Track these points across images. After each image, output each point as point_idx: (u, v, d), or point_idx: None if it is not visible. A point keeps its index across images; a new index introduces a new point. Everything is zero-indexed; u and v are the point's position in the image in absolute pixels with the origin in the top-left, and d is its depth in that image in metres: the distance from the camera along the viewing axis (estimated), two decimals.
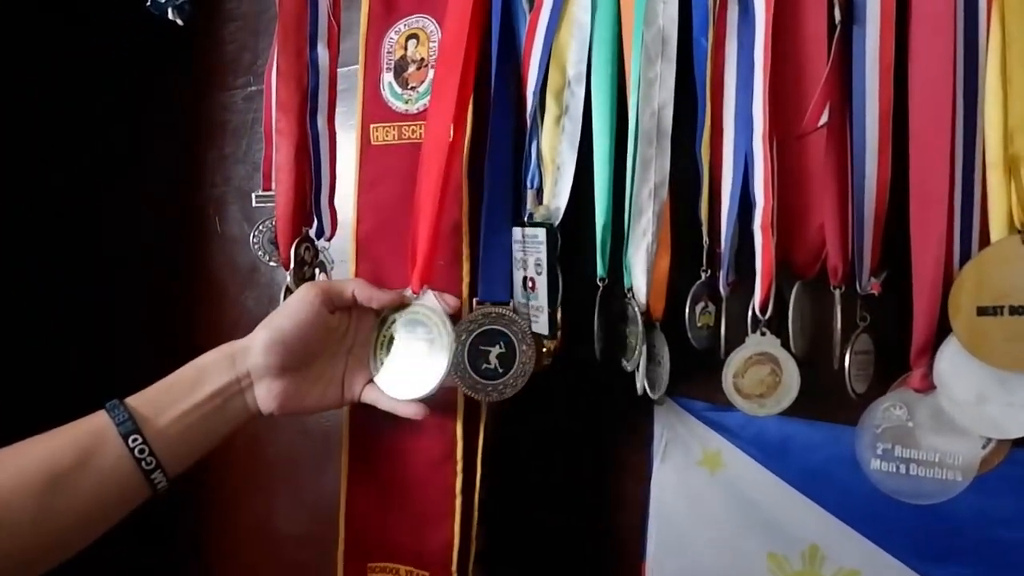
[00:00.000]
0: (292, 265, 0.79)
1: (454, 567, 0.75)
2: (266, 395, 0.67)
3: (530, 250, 0.71)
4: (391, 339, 0.73)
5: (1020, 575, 0.65)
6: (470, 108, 0.73)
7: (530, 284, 0.72)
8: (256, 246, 0.83)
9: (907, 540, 0.69)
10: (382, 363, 0.73)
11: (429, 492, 0.75)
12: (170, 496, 0.63)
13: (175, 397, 0.64)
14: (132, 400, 0.63)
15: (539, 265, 0.70)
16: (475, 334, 0.70)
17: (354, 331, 0.73)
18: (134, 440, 0.60)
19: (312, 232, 0.81)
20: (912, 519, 0.68)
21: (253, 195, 0.87)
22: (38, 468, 0.57)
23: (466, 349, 0.70)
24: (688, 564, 0.80)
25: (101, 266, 1.15)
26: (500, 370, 0.69)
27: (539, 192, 0.73)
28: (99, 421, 0.61)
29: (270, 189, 0.83)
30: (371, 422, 0.77)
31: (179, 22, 0.89)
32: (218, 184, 1.07)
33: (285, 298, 0.80)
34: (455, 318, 0.71)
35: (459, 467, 0.75)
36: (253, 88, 1.04)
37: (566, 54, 0.70)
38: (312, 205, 0.80)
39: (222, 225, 1.06)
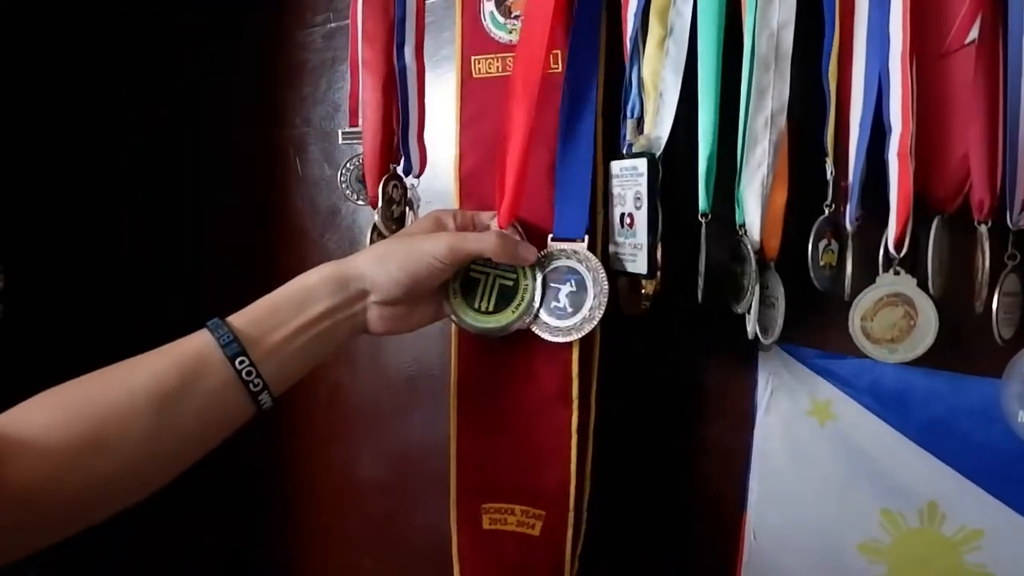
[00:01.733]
0: (380, 203, 0.76)
1: (571, 505, 0.73)
2: (376, 320, 0.66)
3: (628, 184, 0.67)
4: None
5: None
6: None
7: (628, 221, 0.68)
8: (344, 184, 0.81)
9: None
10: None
11: (543, 430, 0.74)
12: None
13: (282, 318, 0.62)
14: (236, 320, 0.61)
15: (639, 199, 0.66)
16: (546, 271, 0.68)
17: None
18: (241, 362, 0.58)
19: (400, 169, 0.78)
20: None
21: (340, 131, 0.84)
22: (146, 389, 0.56)
23: (537, 286, 0.67)
24: (792, 518, 0.76)
25: (182, 212, 1.15)
26: (570, 310, 0.67)
27: (639, 121, 0.68)
28: (202, 341, 0.59)
29: (356, 125, 0.80)
30: (480, 360, 0.75)
31: None
32: (298, 125, 1.05)
33: (371, 241, 0.78)
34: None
35: (575, 405, 0.73)
36: (333, 25, 1.01)
37: None
38: (400, 142, 0.77)
39: (303, 167, 1.04)
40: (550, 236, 0.70)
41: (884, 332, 0.59)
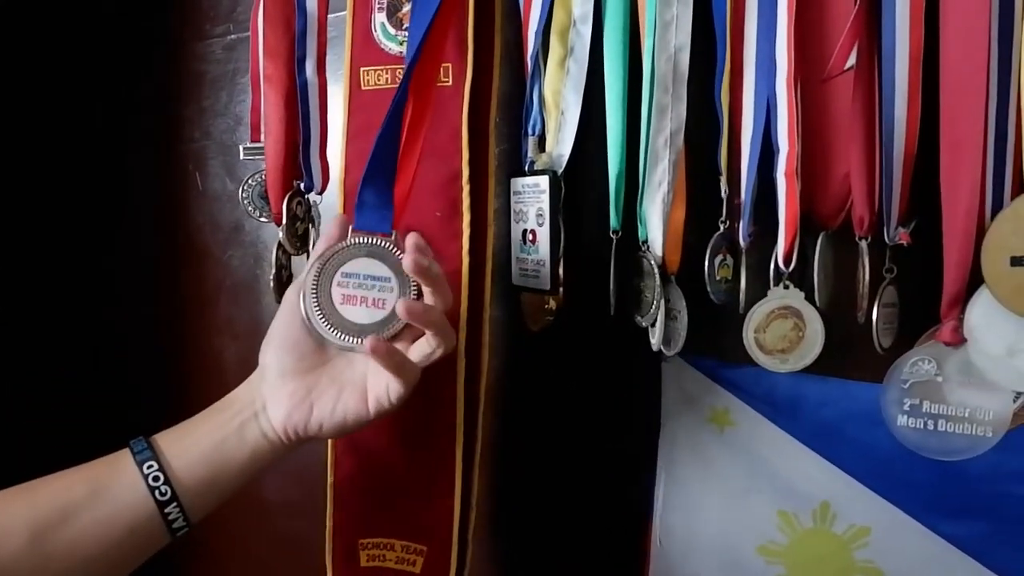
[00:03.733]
0: (284, 220, 0.75)
1: (455, 539, 0.71)
2: (274, 409, 0.59)
3: (530, 201, 0.68)
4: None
5: None
6: (470, 51, 0.69)
7: (530, 237, 0.69)
8: (246, 201, 0.79)
9: (921, 497, 0.68)
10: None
11: (427, 460, 0.71)
12: None
13: (196, 425, 0.60)
14: (158, 434, 0.60)
15: (540, 216, 0.67)
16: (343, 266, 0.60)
17: None
18: (149, 467, 0.56)
19: (303, 186, 0.77)
20: (927, 475, 0.66)
21: (241, 147, 0.82)
22: (48, 503, 0.54)
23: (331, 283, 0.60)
24: (696, 523, 0.78)
25: (82, 232, 1.10)
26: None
27: (541, 139, 0.70)
28: (121, 453, 0.58)
29: (259, 141, 0.78)
30: None
31: None
32: (197, 139, 1.02)
33: (276, 259, 0.77)
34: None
35: (459, 433, 0.70)
36: (233, 36, 0.99)
37: None
38: (302, 157, 0.76)
39: (204, 181, 1.01)
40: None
41: (776, 343, 0.62)
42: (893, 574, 0.70)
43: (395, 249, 0.59)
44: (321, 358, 0.61)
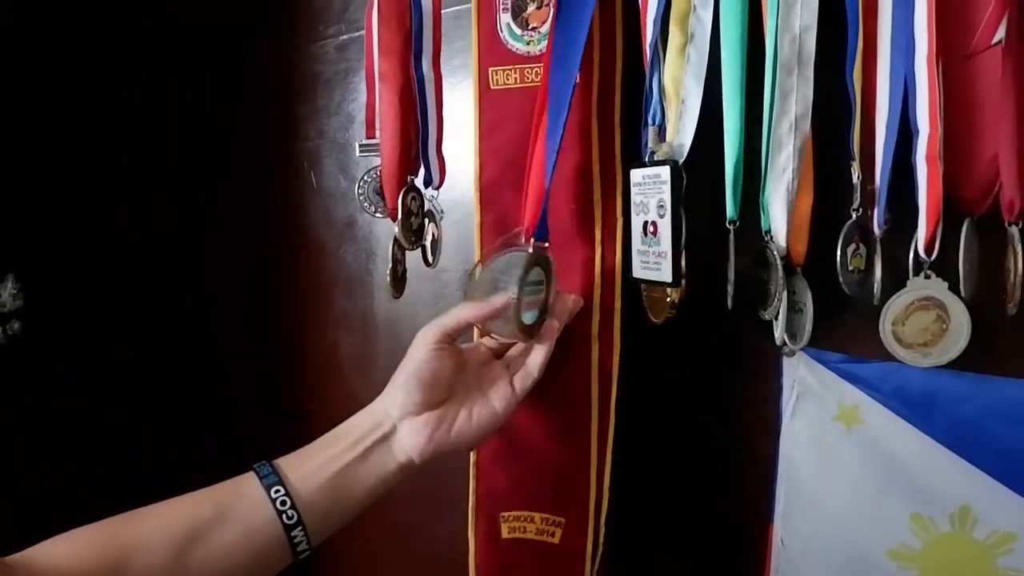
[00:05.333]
0: (399, 216, 0.76)
1: (591, 512, 0.74)
2: (408, 435, 0.65)
3: (651, 192, 0.66)
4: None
5: None
6: (596, 48, 0.69)
7: (651, 229, 0.67)
8: (361, 197, 0.81)
9: None
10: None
11: (564, 437, 0.74)
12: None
13: (317, 451, 0.63)
14: (279, 460, 0.63)
15: (662, 207, 0.65)
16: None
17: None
18: (276, 491, 0.59)
19: (419, 181, 0.78)
20: None
21: (356, 144, 0.84)
22: (179, 523, 0.57)
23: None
24: (820, 524, 0.75)
25: (200, 225, 1.15)
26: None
27: (661, 129, 0.68)
28: (244, 477, 0.61)
29: (373, 137, 0.80)
30: None
31: None
32: (312, 138, 1.05)
33: (392, 254, 0.78)
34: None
35: (595, 411, 0.74)
36: (345, 37, 1.01)
37: None
38: (419, 153, 0.77)
39: (318, 179, 1.04)
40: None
41: (916, 336, 0.58)
42: None
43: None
44: (451, 386, 0.67)
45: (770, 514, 0.77)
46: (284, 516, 0.58)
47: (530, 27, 0.72)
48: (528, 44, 0.72)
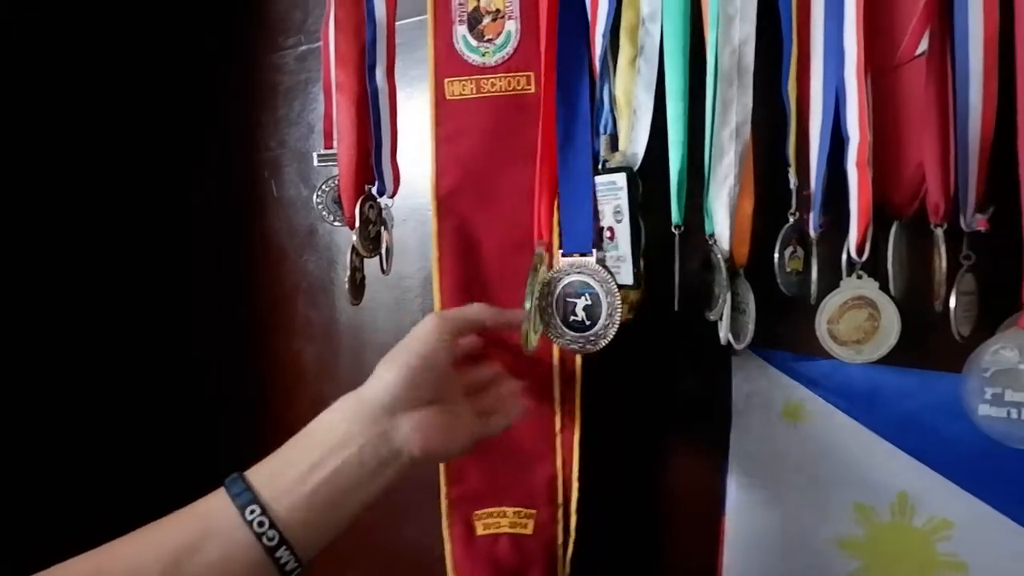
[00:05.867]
0: (357, 224, 0.77)
1: (559, 501, 0.77)
2: (410, 433, 0.59)
3: (607, 198, 0.68)
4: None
5: None
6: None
7: (608, 234, 0.69)
8: (320, 206, 0.82)
9: (1005, 488, 0.67)
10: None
11: (529, 434, 0.77)
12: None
13: (296, 459, 0.57)
14: (251, 473, 0.57)
15: (619, 213, 0.67)
16: (561, 285, 0.69)
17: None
18: (251, 512, 0.53)
19: (374, 190, 0.79)
20: (1011, 467, 0.65)
21: (315, 154, 0.85)
22: (156, 554, 0.52)
23: (555, 301, 0.69)
24: (770, 517, 0.78)
25: (161, 239, 1.15)
26: (587, 322, 0.68)
27: (613, 138, 0.70)
28: (217, 497, 0.56)
29: (331, 147, 0.81)
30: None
31: None
32: (272, 147, 1.06)
33: (350, 262, 0.79)
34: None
35: (556, 406, 0.77)
36: (305, 47, 1.02)
37: None
38: (374, 162, 0.78)
39: (279, 188, 1.05)
40: (560, 252, 0.71)
41: (850, 334, 0.61)
42: (978, 568, 0.69)
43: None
44: (448, 383, 0.64)
45: (722, 507, 0.80)
46: (264, 538, 0.53)
47: (486, 39, 0.74)
48: (484, 56, 0.74)
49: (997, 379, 0.57)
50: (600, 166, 0.69)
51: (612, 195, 0.67)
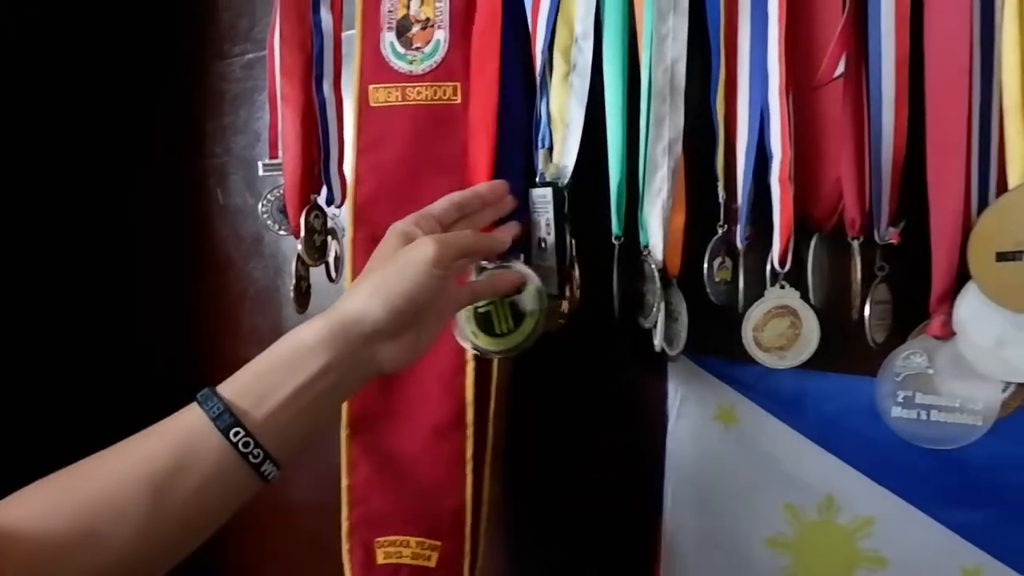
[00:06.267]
0: (303, 233, 0.78)
1: (467, 534, 0.75)
2: (388, 359, 0.60)
3: (541, 211, 0.71)
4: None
5: None
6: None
7: (542, 244, 0.72)
8: (265, 215, 0.83)
9: (922, 486, 0.70)
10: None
11: (438, 459, 0.75)
12: None
13: (275, 381, 0.56)
14: (225, 388, 0.56)
15: (549, 225, 0.70)
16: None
17: None
18: (236, 434, 0.54)
19: (321, 200, 0.80)
20: (927, 465, 0.68)
21: (260, 163, 0.86)
22: (137, 474, 0.52)
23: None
24: (705, 518, 0.81)
25: (106, 245, 1.14)
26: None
27: (550, 151, 0.73)
28: (192, 416, 0.55)
29: (276, 157, 0.82)
30: (372, 390, 0.76)
31: None
32: (219, 155, 1.06)
33: (296, 271, 0.80)
34: None
35: (470, 431, 0.74)
36: (251, 56, 1.03)
37: (573, 10, 0.70)
38: (320, 172, 0.80)
39: (225, 196, 1.05)
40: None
41: (773, 341, 0.64)
42: (897, 562, 0.72)
43: None
44: (427, 312, 0.61)
45: (659, 510, 0.82)
46: (250, 457, 0.54)
47: (414, 47, 0.74)
48: (411, 63, 0.74)
49: (908, 383, 0.60)
50: (539, 179, 0.72)
51: (544, 208, 0.69)
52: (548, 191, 0.67)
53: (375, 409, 0.77)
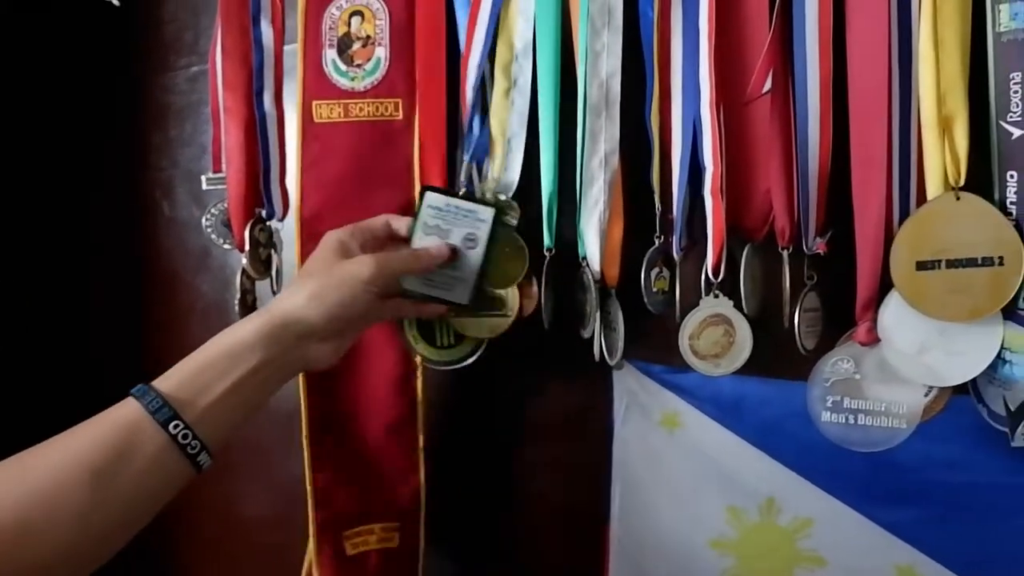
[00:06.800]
0: (247, 247, 0.78)
1: (422, 517, 0.80)
2: (317, 359, 0.63)
3: (458, 222, 0.68)
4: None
5: (963, 516, 0.68)
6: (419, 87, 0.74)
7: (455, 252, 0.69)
8: (209, 229, 0.82)
9: (857, 487, 0.73)
10: None
11: (394, 452, 0.79)
12: None
13: (213, 376, 0.59)
14: (162, 384, 0.58)
15: (471, 240, 0.67)
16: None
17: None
18: (175, 427, 0.56)
19: (264, 213, 0.80)
20: (861, 467, 0.70)
21: (203, 177, 0.85)
22: (74, 466, 0.53)
23: None
24: (651, 522, 0.82)
25: (52, 257, 1.12)
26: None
27: (480, 165, 0.73)
28: (130, 410, 0.56)
29: (220, 171, 0.81)
30: (328, 396, 0.79)
31: (115, 2, 0.86)
32: (164, 167, 1.05)
33: (240, 285, 0.80)
34: None
35: (420, 424, 0.79)
36: (196, 68, 1.02)
37: (513, 27, 0.70)
38: (262, 186, 0.79)
39: (171, 209, 1.04)
40: None
41: (709, 349, 0.66)
42: (835, 561, 0.74)
43: None
44: (357, 316, 0.65)
45: (607, 516, 0.84)
46: (188, 448, 0.56)
47: (355, 63, 0.75)
48: (353, 80, 0.75)
49: (836, 388, 0.62)
50: (461, 191, 0.71)
51: (466, 221, 0.67)
52: (486, 211, 0.66)
53: (333, 414, 0.80)
